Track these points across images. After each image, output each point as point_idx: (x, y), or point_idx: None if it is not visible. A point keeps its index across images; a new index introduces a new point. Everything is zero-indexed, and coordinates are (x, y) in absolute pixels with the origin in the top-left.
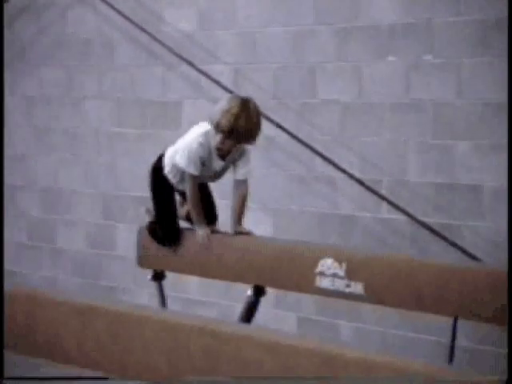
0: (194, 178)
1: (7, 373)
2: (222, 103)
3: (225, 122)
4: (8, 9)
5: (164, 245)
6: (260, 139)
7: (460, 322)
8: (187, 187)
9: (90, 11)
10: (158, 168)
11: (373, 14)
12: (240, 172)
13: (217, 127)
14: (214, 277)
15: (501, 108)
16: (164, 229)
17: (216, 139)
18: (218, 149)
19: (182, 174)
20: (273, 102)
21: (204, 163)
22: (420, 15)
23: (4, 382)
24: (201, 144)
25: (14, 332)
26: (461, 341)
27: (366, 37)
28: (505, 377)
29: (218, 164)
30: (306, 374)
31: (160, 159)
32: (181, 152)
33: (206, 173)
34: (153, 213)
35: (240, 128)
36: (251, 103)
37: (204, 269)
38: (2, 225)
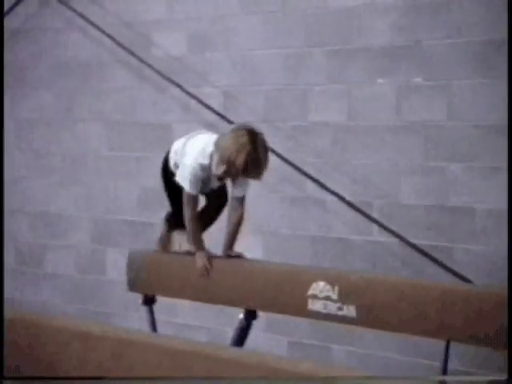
0: (192, 197)
1: None
2: (231, 142)
3: (237, 166)
4: (6, 33)
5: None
6: None
7: (455, 346)
8: (184, 207)
9: (80, 35)
10: (165, 162)
11: (364, 37)
12: (237, 189)
13: (228, 166)
14: (205, 301)
15: (492, 130)
16: (178, 216)
17: (219, 169)
18: (219, 178)
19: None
20: (264, 124)
21: (202, 181)
22: (411, 38)
23: (4, 382)
24: (202, 166)
25: (12, 359)
26: (455, 365)
27: (357, 59)
28: (505, 377)
29: (215, 183)
30: None
31: (167, 154)
32: (181, 170)
33: (202, 189)
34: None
35: (250, 172)
36: (262, 141)
37: (195, 293)
38: (2, 248)
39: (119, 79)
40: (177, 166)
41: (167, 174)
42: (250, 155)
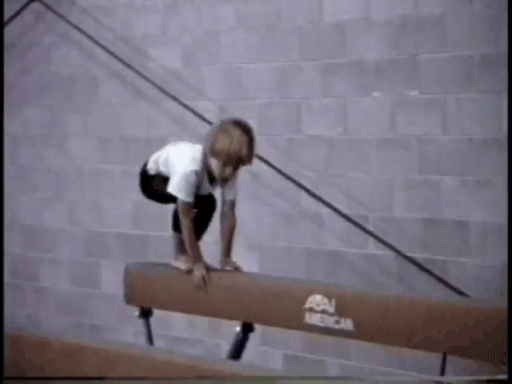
0: (188, 205)
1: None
2: (228, 142)
3: (243, 158)
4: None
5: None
6: (245, 175)
7: (451, 359)
8: (181, 216)
9: (74, 49)
10: (144, 173)
11: (358, 51)
12: (228, 192)
13: (236, 163)
14: (201, 314)
15: (486, 144)
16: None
17: (226, 171)
18: (223, 178)
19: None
20: (258, 137)
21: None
22: (405, 51)
23: (4, 382)
24: (196, 173)
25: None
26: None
27: (351, 73)
28: (505, 377)
29: (206, 188)
30: None
31: (145, 166)
32: (174, 180)
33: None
34: None
35: (251, 157)
36: (247, 125)
37: (192, 306)
38: (2, 261)
39: (113, 94)
40: (160, 174)
41: (146, 181)
42: (249, 143)
